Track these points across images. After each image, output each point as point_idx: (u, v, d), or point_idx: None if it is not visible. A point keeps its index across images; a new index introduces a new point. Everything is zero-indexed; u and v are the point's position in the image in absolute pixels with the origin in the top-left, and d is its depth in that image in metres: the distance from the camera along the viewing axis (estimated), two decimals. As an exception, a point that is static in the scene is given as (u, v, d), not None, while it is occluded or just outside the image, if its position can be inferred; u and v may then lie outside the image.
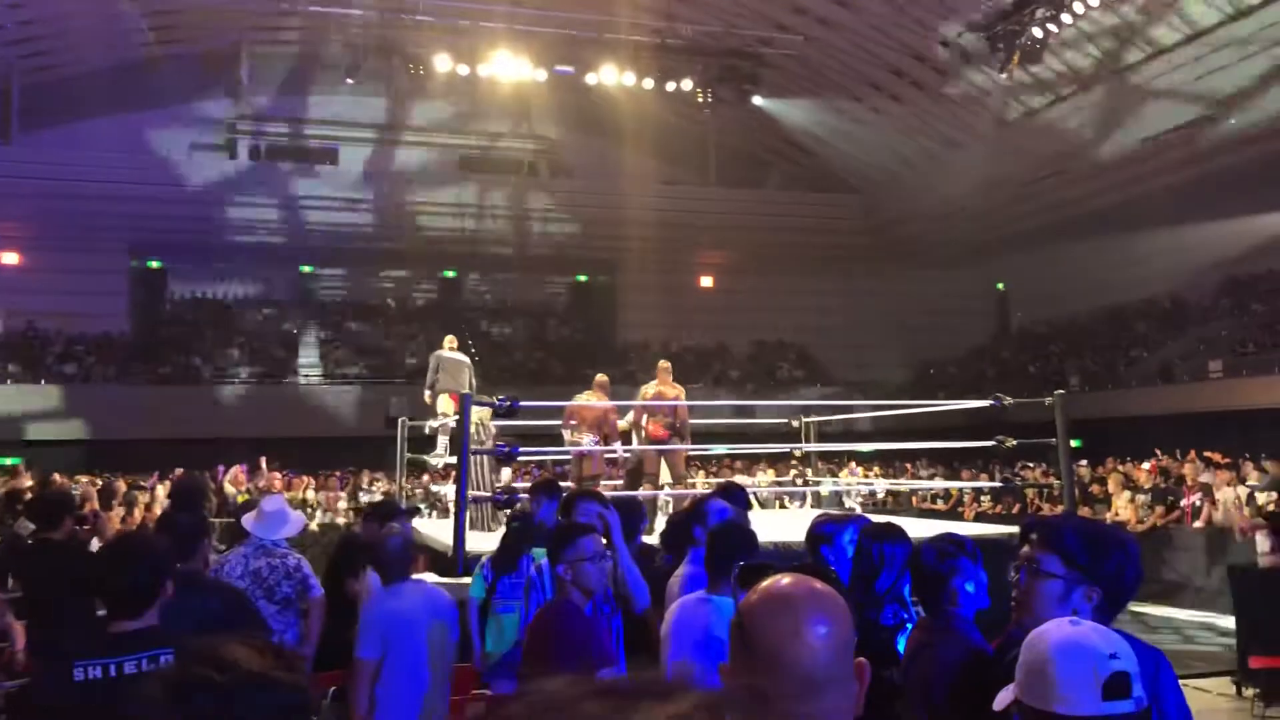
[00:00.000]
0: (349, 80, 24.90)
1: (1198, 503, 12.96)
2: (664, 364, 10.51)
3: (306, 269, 31.52)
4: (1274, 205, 23.07)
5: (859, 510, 14.16)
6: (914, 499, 17.97)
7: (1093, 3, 20.21)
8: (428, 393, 11.40)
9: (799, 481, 11.71)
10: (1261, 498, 9.34)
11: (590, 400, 9.96)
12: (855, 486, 16.55)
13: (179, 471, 13.42)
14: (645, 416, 10.10)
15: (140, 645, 2.71)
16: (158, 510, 11.42)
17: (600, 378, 10.37)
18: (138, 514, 11.69)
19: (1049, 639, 1.85)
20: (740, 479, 15.14)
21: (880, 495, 17.98)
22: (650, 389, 10.28)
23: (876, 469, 20.07)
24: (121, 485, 13.42)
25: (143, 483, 14.68)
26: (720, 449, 12.93)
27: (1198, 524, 12.83)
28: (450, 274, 32.84)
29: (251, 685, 1.01)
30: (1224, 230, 23.89)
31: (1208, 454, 14.60)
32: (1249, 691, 7.86)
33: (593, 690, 0.57)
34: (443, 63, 22.97)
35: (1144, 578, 2.57)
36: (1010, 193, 26.85)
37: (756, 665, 1.46)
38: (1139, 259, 25.47)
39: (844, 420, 17.10)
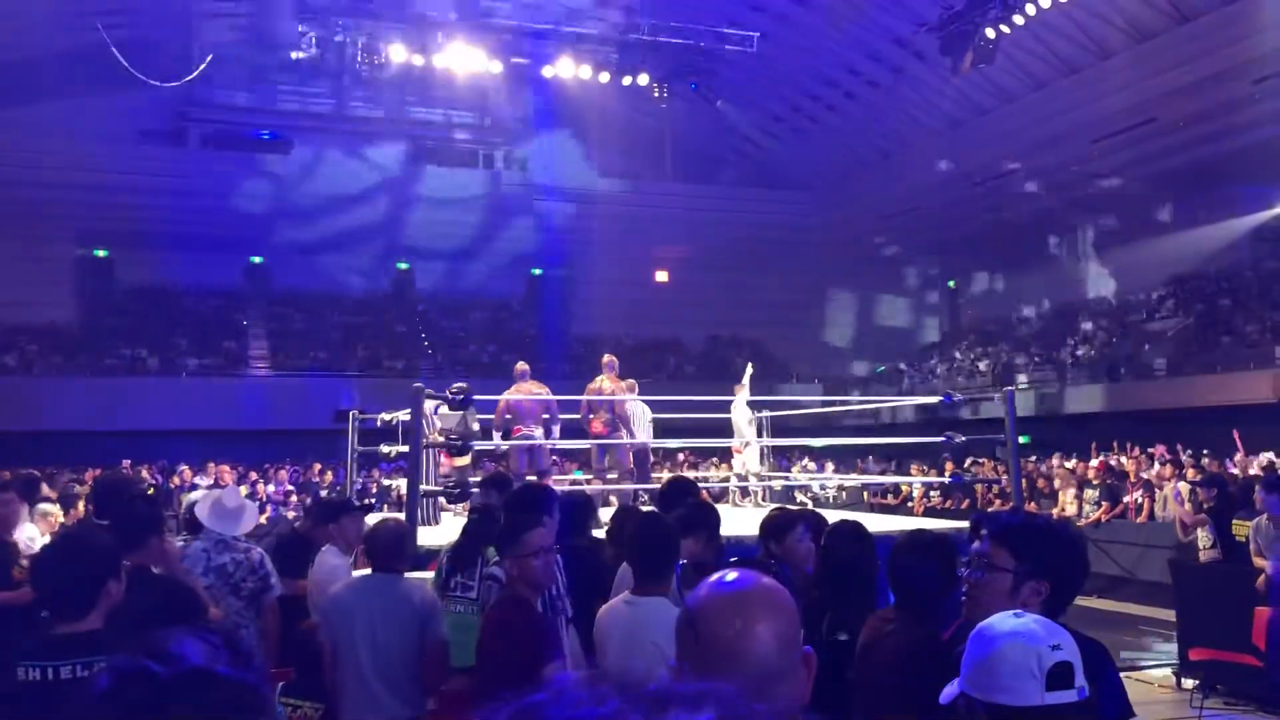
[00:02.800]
0: (302, 69, 24.60)
1: (1140, 499, 13.20)
2: (607, 358, 10.51)
3: (257, 259, 31.11)
4: (1218, 207, 23.55)
5: (811, 506, 14.26)
6: (865, 494, 18.12)
7: (1044, 5, 20.47)
8: None
9: (751, 477, 11.74)
10: (1201, 494, 9.52)
11: (521, 390, 9.87)
12: (808, 482, 16.64)
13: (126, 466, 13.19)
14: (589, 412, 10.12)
15: (78, 651, 2.60)
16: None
17: (521, 365, 10.25)
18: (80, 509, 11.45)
19: (993, 632, 1.88)
20: (692, 474, 15.20)
21: (832, 490, 18.11)
22: (595, 384, 10.30)
23: (829, 464, 20.21)
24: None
25: (80, 478, 14.41)
26: (673, 443, 12.95)
27: (1140, 519, 13.08)
28: (404, 266, 32.59)
29: (194, 679, 0.98)
30: (1169, 231, 24.33)
31: (1150, 450, 14.88)
32: (1189, 683, 8.02)
33: (618, 686, 0.56)
34: (397, 53, 22.75)
35: (1089, 572, 2.61)
36: (961, 192, 27.15)
37: (707, 662, 1.46)
38: (1087, 259, 25.87)
39: (798, 415, 17.18)
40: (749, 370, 11.60)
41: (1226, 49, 19.75)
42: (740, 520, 8.54)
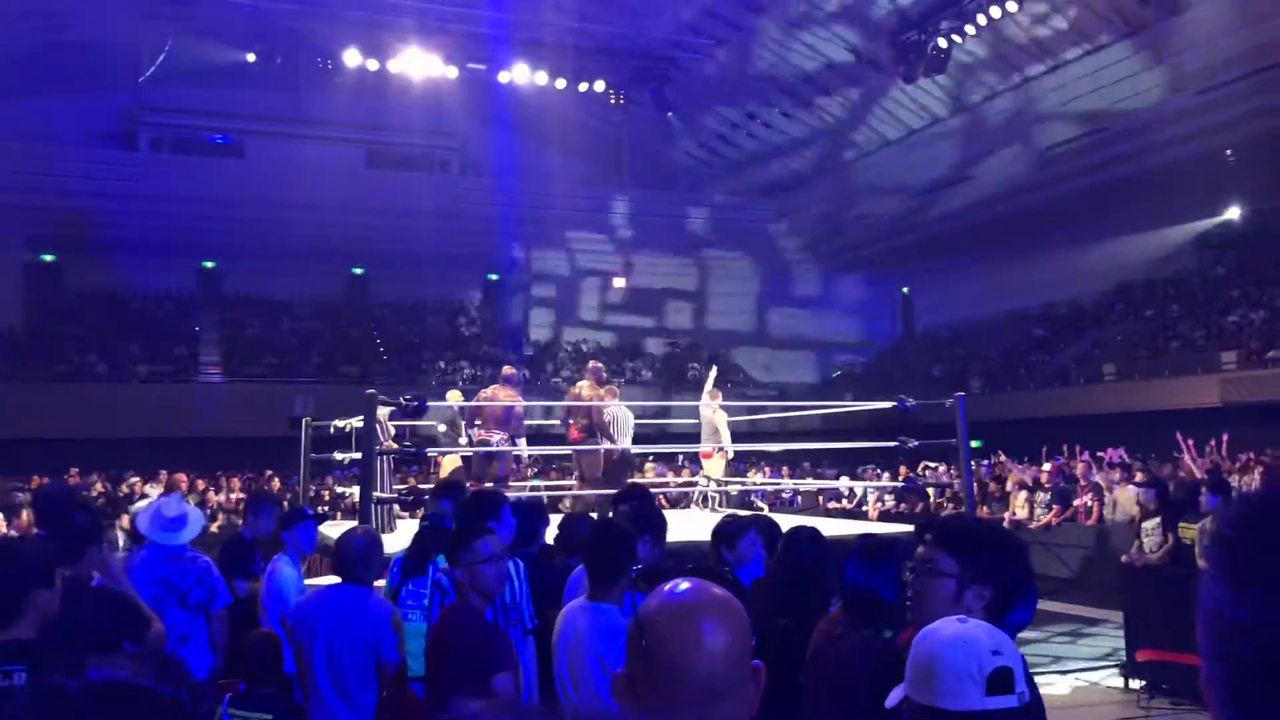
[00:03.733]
0: (256, 73, 24.34)
1: (1089, 502, 13.39)
2: (591, 364, 10.50)
3: (209, 264, 30.73)
4: (1167, 215, 23.97)
5: (766, 510, 14.31)
6: (820, 499, 18.22)
7: (996, 16, 20.76)
8: None
9: (713, 482, 11.75)
10: (1142, 496, 9.67)
11: (496, 396, 9.83)
12: (763, 487, 16.71)
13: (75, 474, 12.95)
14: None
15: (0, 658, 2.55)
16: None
17: (507, 370, 10.22)
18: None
19: (935, 636, 1.88)
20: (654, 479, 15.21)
21: (787, 495, 18.19)
22: (575, 389, 10.32)
23: (785, 470, 20.30)
24: None
25: (24, 486, 14.13)
26: (654, 449, 12.98)
27: (1090, 522, 13.26)
28: (358, 271, 32.33)
29: (112, 695, 0.96)
30: (1119, 239, 24.72)
31: (1100, 454, 15.09)
32: (1136, 684, 8.13)
33: (515, 715, 0.56)
34: (352, 57, 22.62)
35: (1034, 576, 2.62)
36: (915, 200, 27.43)
37: (656, 673, 1.45)
38: (1039, 266, 26.20)
39: (753, 421, 17.26)
40: (714, 373, 11.59)
41: (1173, 60, 20.12)
42: (701, 526, 8.54)
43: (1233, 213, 24.84)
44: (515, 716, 0.48)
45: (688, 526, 8.64)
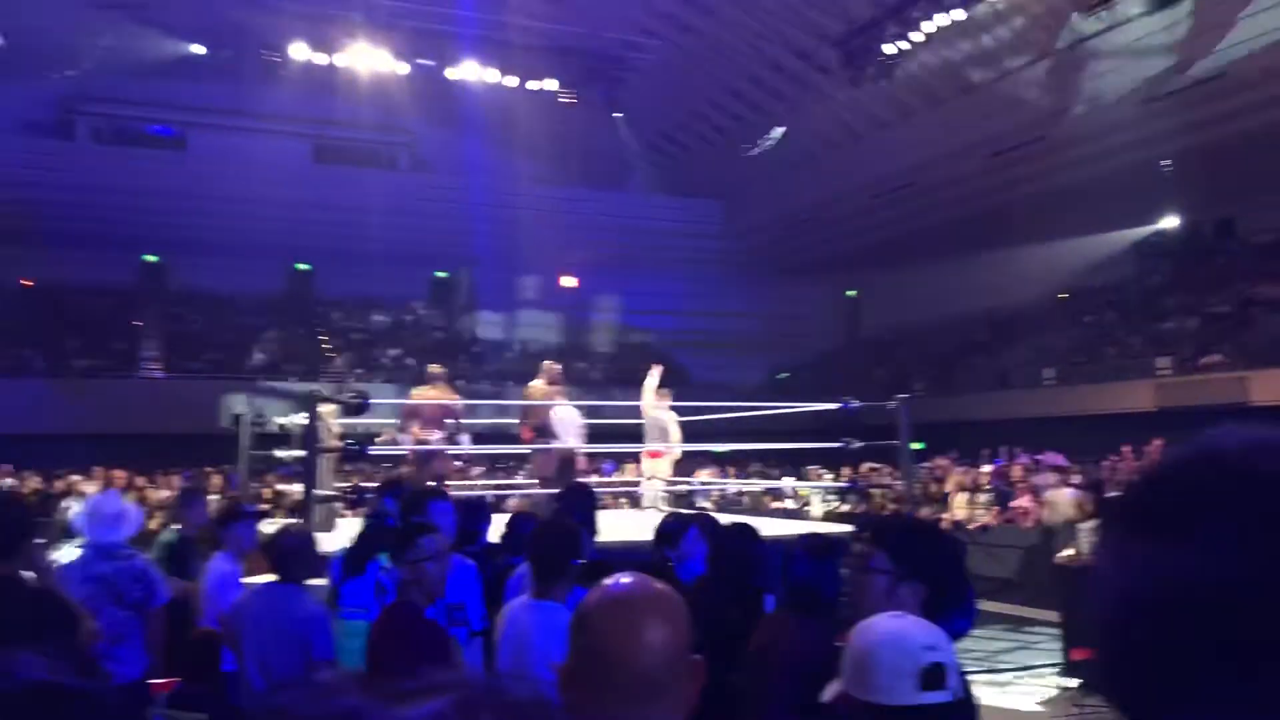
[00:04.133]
0: (199, 64, 23.96)
1: (1028, 504, 13.62)
2: (545, 364, 10.52)
3: (151, 258, 30.20)
4: (1106, 221, 24.45)
5: (712, 510, 14.37)
6: (765, 499, 18.34)
7: (943, 22, 21.05)
8: None
9: (659, 481, 11.78)
10: (1081, 498, 9.87)
11: (428, 395, 9.77)
12: (709, 487, 16.79)
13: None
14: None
15: None
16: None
17: (434, 368, 10.14)
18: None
19: (870, 632, 1.92)
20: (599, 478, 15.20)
21: (732, 495, 18.29)
22: (528, 389, 10.34)
23: (730, 469, 20.41)
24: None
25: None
26: (608, 448, 12.97)
27: (1029, 524, 13.48)
28: (304, 266, 31.96)
29: (28, 694, 0.95)
30: (1060, 245, 25.17)
31: (1039, 457, 15.36)
32: (1072, 682, 8.29)
33: (360, 683, 0.57)
34: (299, 51, 22.36)
35: (967, 574, 2.68)
36: (861, 204, 27.70)
37: (596, 667, 1.47)
38: (981, 270, 26.57)
39: (700, 421, 17.32)
40: (657, 374, 11.63)
41: (1110, 73, 20.52)
42: (647, 525, 8.54)
43: (1169, 222, 25.41)
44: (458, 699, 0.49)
45: (634, 526, 8.66)
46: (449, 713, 0.54)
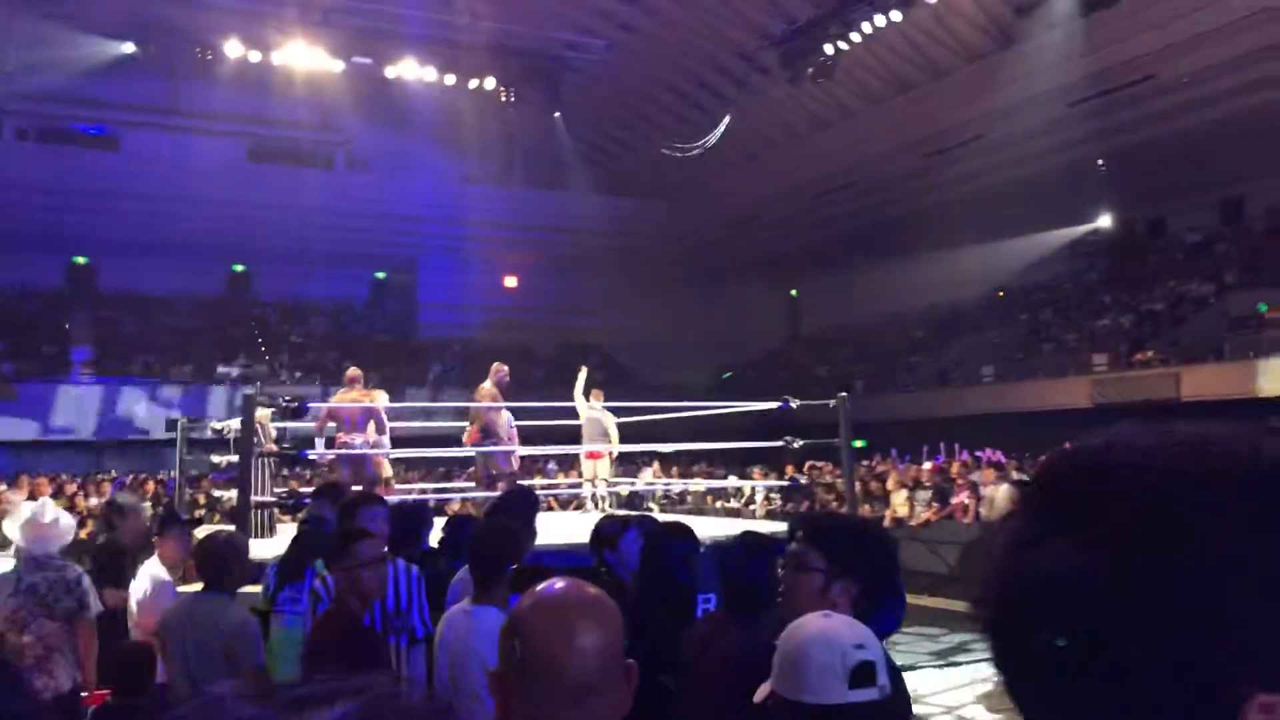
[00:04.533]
0: (131, 62, 23.48)
1: (967, 500, 13.81)
2: (495, 366, 10.49)
3: (81, 259, 29.55)
4: (1042, 220, 24.90)
5: (657, 510, 14.41)
6: (709, 498, 18.42)
7: (880, 25, 21.28)
8: None
9: (601, 483, 11.77)
10: (1018, 494, 10.02)
11: (348, 398, 9.66)
12: (653, 487, 16.82)
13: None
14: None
15: None
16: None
17: (353, 371, 10.01)
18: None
19: (801, 632, 1.92)
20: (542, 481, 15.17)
21: (676, 494, 18.35)
22: (476, 392, 10.34)
23: (674, 470, 20.46)
24: None
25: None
26: (523, 450, 12.91)
27: (967, 520, 13.67)
28: (240, 268, 31.48)
29: None
30: (997, 244, 25.58)
31: (978, 453, 15.59)
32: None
33: (258, 693, 0.56)
34: (233, 48, 22.02)
35: (900, 570, 2.69)
36: (803, 204, 27.92)
37: (529, 672, 1.46)
38: (920, 269, 26.91)
39: (644, 422, 17.33)
40: (583, 375, 11.64)
41: (1045, 74, 20.88)
42: (582, 526, 8.53)
43: (1104, 220, 25.93)
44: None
45: (576, 528, 8.64)
46: (360, 714, 0.54)
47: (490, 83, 24.44)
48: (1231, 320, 19.04)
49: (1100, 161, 22.49)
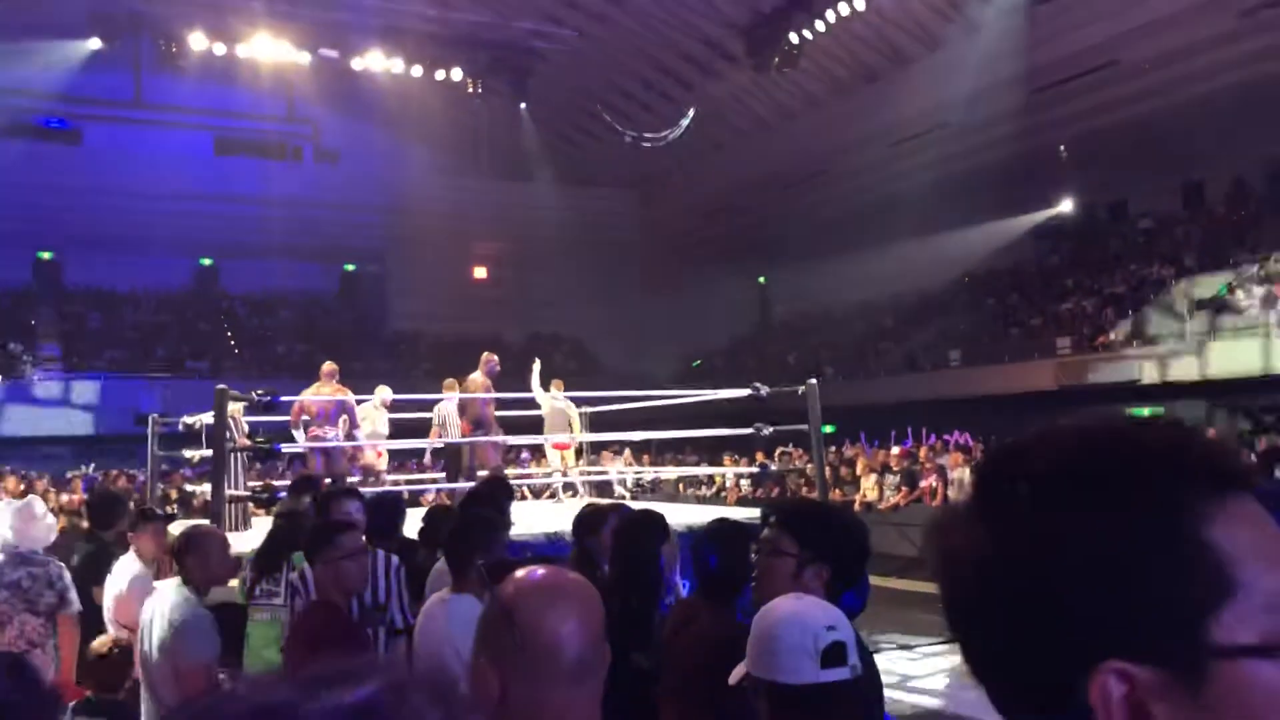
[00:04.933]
0: (95, 56, 23.19)
1: (935, 484, 13.98)
2: (485, 356, 10.65)
3: (46, 255, 29.21)
4: (1006, 208, 25.12)
5: (629, 498, 14.47)
6: (681, 486, 18.51)
7: (844, 13, 21.38)
8: None
9: (572, 471, 11.84)
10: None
11: (321, 393, 9.68)
12: (625, 475, 16.86)
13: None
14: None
15: None
16: None
17: (328, 366, 10.04)
18: None
19: (773, 614, 2.00)
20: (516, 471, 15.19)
21: (648, 483, 18.41)
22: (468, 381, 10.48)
23: (646, 457, 20.52)
24: None
25: None
26: (486, 439, 12.94)
27: (936, 503, 13.85)
28: (207, 261, 31.22)
29: None
30: (964, 231, 25.78)
31: (946, 437, 15.77)
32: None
33: (280, 679, 0.59)
34: (198, 41, 21.81)
35: (870, 554, 2.77)
36: (771, 193, 28.01)
37: (529, 654, 1.52)
38: (889, 256, 27.07)
39: (616, 411, 17.39)
40: (537, 366, 11.73)
41: (1007, 60, 21.06)
42: (563, 516, 8.61)
43: (1066, 205, 26.20)
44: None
45: (550, 517, 8.72)
46: (381, 696, 0.56)
47: (457, 74, 24.34)
48: (1192, 303, 19.32)
49: (1062, 147, 22.73)
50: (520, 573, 1.63)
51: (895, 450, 16.81)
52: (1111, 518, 0.69)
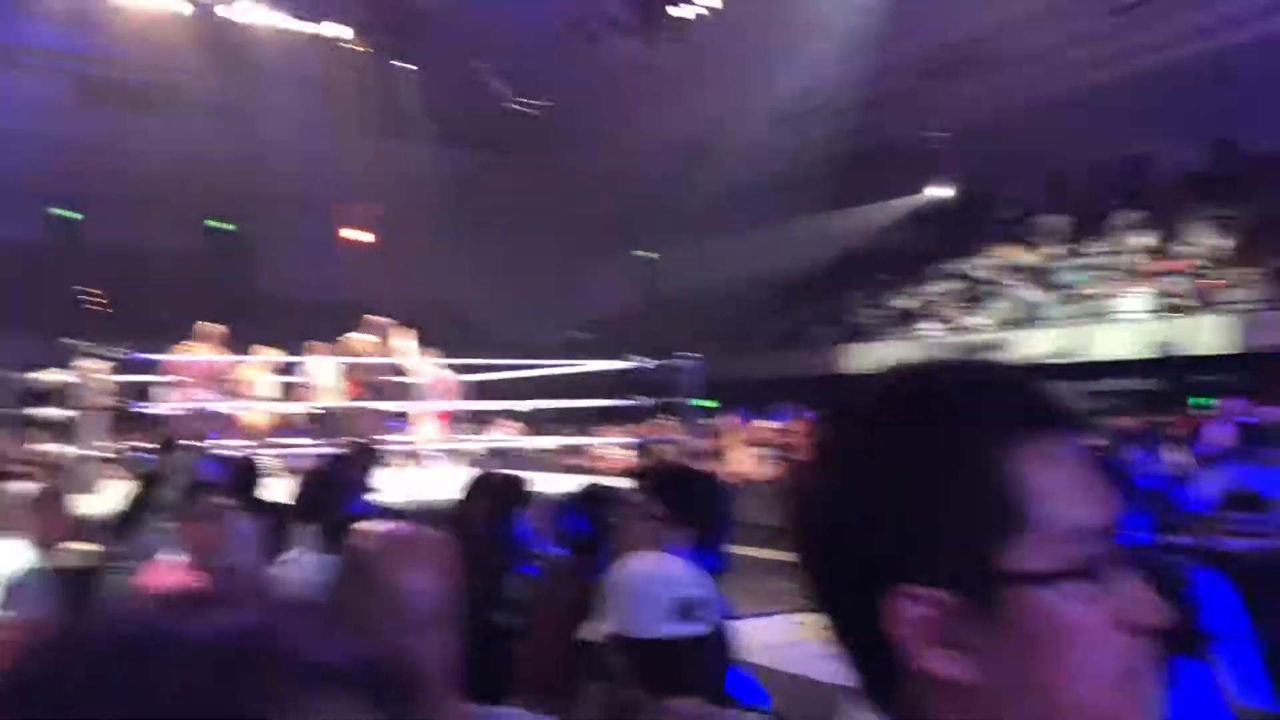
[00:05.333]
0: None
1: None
2: (366, 319, 10.53)
3: (-115, 203, 27.44)
4: (882, 190, 25.75)
5: (506, 468, 14.40)
6: (560, 456, 18.49)
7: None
8: None
9: (444, 440, 11.75)
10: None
11: (199, 352, 9.40)
12: (503, 444, 16.76)
13: None
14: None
15: None
16: None
17: (208, 327, 9.75)
18: None
19: (628, 568, 2.02)
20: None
21: (528, 452, 18.33)
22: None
23: (523, 426, 20.45)
24: None
25: None
26: (365, 404, 12.72)
27: (807, 475, 14.17)
28: (66, 214, 29.78)
29: None
30: (844, 211, 26.35)
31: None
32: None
33: (148, 607, 0.54)
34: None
35: (736, 521, 2.83)
36: (657, 167, 28.07)
37: (381, 603, 1.51)
38: (772, 234, 27.46)
39: (498, 380, 17.31)
40: (412, 336, 11.64)
41: (895, 44, 21.50)
42: (437, 484, 8.56)
43: (941, 190, 26.95)
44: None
45: (423, 484, 8.67)
46: (263, 616, 0.52)
47: (340, 30, 23.68)
48: (1051, 288, 20.17)
49: (943, 132, 23.36)
50: (371, 525, 1.64)
51: (772, 424, 17.15)
52: (914, 449, 0.73)
